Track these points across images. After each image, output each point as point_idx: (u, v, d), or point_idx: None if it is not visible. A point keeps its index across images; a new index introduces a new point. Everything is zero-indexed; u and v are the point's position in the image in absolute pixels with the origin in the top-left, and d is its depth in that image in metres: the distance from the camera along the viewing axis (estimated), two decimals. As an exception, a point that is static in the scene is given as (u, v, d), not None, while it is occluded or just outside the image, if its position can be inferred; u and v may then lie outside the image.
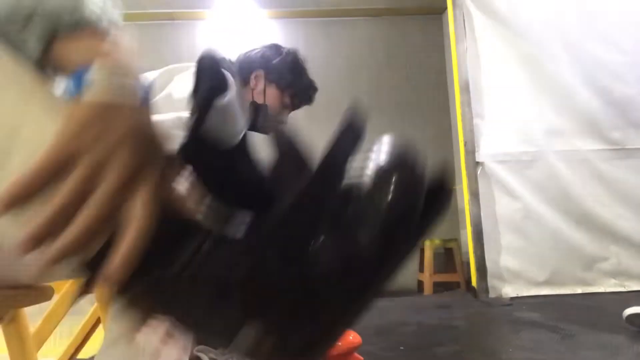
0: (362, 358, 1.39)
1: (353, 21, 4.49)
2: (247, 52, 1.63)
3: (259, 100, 1.62)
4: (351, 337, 1.32)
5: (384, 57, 4.47)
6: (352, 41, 4.47)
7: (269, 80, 1.63)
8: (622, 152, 2.96)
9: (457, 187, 4.06)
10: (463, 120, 2.98)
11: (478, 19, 3.02)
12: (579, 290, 2.82)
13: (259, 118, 1.61)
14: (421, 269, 3.97)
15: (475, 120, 2.96)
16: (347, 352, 1.31)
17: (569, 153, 2.95)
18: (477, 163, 2.93)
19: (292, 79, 1.65)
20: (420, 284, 3.97)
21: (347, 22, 4.48)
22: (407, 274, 4.15)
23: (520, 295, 2.79)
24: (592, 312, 2.22)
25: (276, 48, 1.69)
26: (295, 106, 1.69)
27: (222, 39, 4.36)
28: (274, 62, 1.64)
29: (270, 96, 1.64)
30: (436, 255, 3.86)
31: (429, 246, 3.79)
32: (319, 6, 4.39)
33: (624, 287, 2.83)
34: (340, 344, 1.30)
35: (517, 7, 3.00)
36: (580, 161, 2.94)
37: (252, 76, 1.62)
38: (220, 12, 4.33)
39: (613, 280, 2.85)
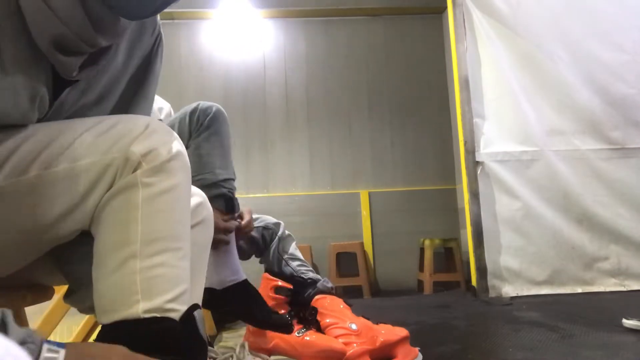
0: (417, 349, 1.40)
1: (353, 20, 4.49)
2: None
3: None
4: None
5: (384, 56, 4.47)
6: (352, 40, 4.47)
7: None
8: (622, 151, 2.96)
9: (457, 187, 4.07)
10: (463, 119, 2.98)
11: (478, 19, 3.02)
12: (579, 290, 2.82)
13: None
14: (421, 269, 3.97)
15: (475, 120, 2.96)
16: (398, 341, 1.34)
17: (569, 152, 2.95)
18: (477, 162, 2.93)
19: None
20: (420, 283, 3.97)
21: (347, 22, 4.48)
22: (407, 274, 4.15)
23: (520, 294, 2.79)
24: (592, 312, 2.22)
25: None
26: None
27: (221, 38, 4.36)
28: None
29: None
30: (436, 254, 3.86)
31: (429, 246, 3.79)
32: (319, 5, 4.38)
33: (623, 287, 2.83)
34: (393, 335, 1.35)
35: (517, 6, 3.00)
36: (580, 160, 2.94)
37: None
38: (221, 12, 4.33)
39: (613, 280, 2.85)
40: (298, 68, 4.36)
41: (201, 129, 1.33)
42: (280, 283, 1.41)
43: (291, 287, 1.41)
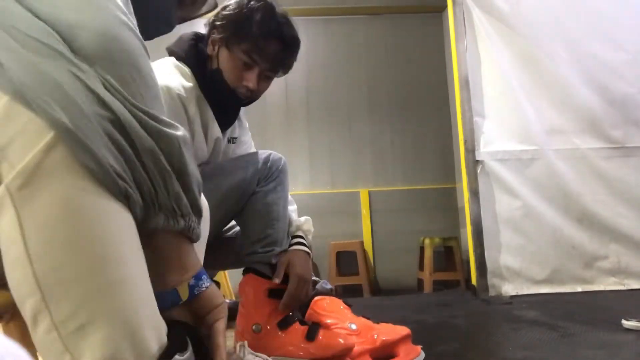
0: (419, 347, 1.39)
1: (353, 19, 4.48)
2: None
3: (212, 66, 1.35)
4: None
5: (384, 55, 4.47)
6: (352, 39, 4.46)
7: (221, 40, 1.33)
8: (622, 150, 2.96)
9: (457, 186, 4.07)
10: (463, 118, 2.98)
11: (478, 17, 3.01)
12: (579, 289, 2.82)
13: (216, 88, 1.35)
14: (421, 268, 3.97)
15: (475, 119, 2.96)
16: (399, 340, 1.33)
17: (569, 151, 2.95)
18: (477, 161, 2.92)
19: (239, 29, 1.27)
20: (420, 282, 3.97)
21: (347, 20, 4.48)
22: (407, 273, 4.15)
23: (520, 293, 2.79)
24: (592, 311, 2.22)
25: (239, 2, 1.31)
26: (258, 62, 1.34)
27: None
28: (222, 14, 1.31)
29: (223, 58, 1.34)
30: (436, 253, 3.86)
31: (429, 244, 3.79)
32: (319, 4, 4.38)
33: (623, 286, 2.83)
34: (393, 334, 1.33)
35: (518, 5, 2.99)
36: (580, 159, 2.94)
37: (209, 42, 1.37)
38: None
39: (613, 279, 2.85)
40: (298, 66, 4.34)
41: (270, 179, 1.47)
42: (276, 282, 1.33)
43: (286, 287, 1.33)
